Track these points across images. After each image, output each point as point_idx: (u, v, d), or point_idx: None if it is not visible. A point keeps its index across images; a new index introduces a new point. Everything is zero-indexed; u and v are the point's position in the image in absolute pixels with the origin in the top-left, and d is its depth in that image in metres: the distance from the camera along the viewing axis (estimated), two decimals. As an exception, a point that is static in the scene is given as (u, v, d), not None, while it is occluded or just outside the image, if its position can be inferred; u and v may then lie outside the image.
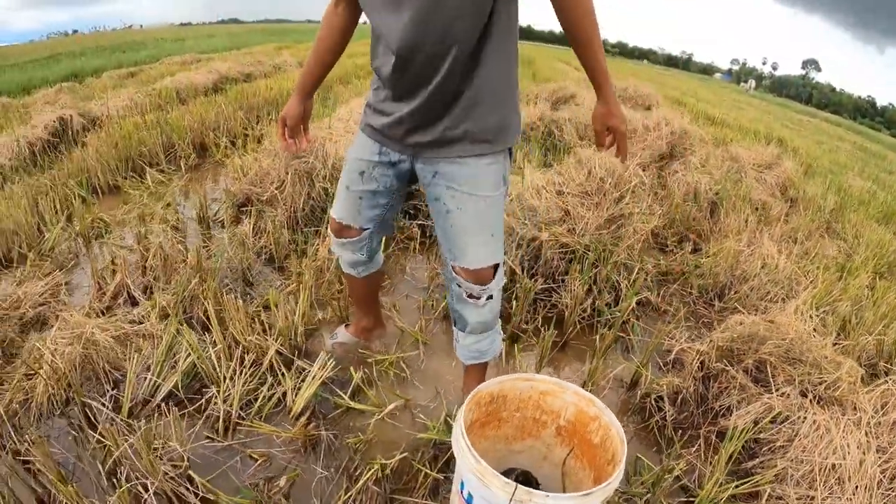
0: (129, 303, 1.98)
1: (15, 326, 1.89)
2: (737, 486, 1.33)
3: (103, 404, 1.46)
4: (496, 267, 1.31)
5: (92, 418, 1.46)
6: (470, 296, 1.32)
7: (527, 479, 1.28)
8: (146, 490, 1.19)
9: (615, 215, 2.29)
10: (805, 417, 1.44)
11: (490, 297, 1.33)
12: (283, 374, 1.53)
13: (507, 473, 1.22)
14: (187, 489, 1.22)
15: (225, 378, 1.47)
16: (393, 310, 2.00)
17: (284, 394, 1.49)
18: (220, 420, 1.39)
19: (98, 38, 20.71)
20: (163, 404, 1.46)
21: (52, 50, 16.49)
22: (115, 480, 1.24)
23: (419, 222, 2.63)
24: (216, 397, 1.43)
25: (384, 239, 2.36)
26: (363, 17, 1.27)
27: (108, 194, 3.20)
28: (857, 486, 1.28)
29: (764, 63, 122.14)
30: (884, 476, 1.30)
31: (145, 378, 1.51)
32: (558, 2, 1.10)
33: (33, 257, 2.37)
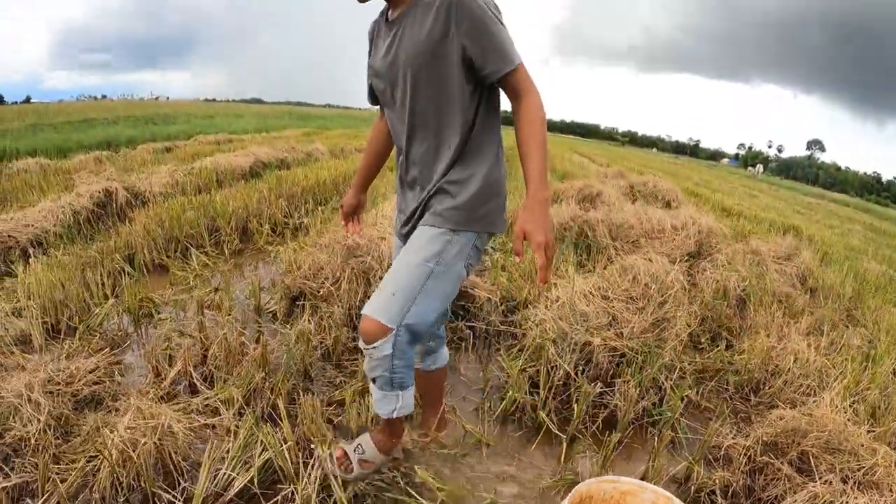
0: (188, 390, 2.02)
1: (69, 403, 1.91)
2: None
3: (174, 496, 1.47)
4: (382, 332, 1.26)
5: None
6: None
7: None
8: None
9: (659, 318, 2.38)
10: (847, 503, 1.52)
11: (369, 357, 1.31)
12: (358, 473, 1.54)
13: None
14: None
15: (301, 475, 1.49)
16: (453, 411, 2.03)
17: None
18: (299, 518, 1.40)
19: (129, 107, 21.59)
20: (236, 499, 1.47)
21: (85, 114, 17.11)
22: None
23: (469, 323, 2.69)
24: (295, 494, 1.45)
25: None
26: None
27: (153, 272, 3.29)
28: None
29: (769, 146, 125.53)
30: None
31: (218, 471, 1.53)
32: (515, 113, 1.25)
33: (82, 330, 2.42)
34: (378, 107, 1.55)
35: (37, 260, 3.01)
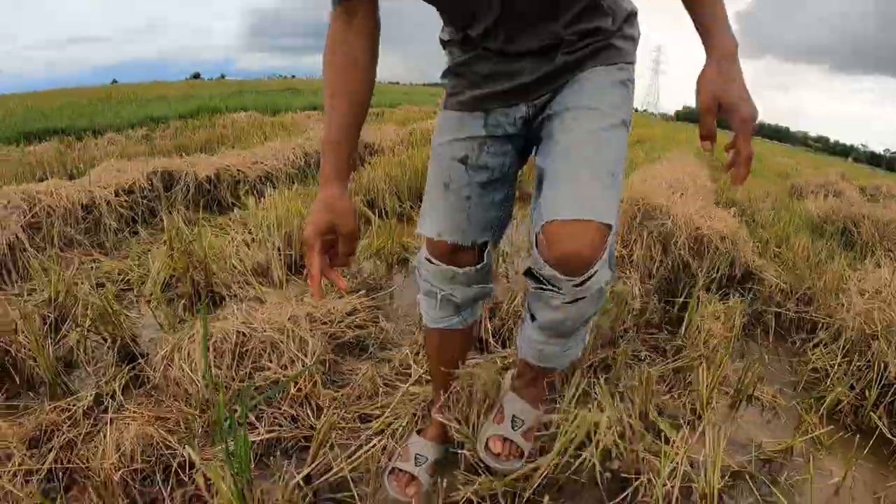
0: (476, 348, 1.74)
1: (329, 343, 1.68)
2: None
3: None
4: (601, 244, 0.78)
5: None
6: (542, 287, 0.83)
7: None
8: None
9: None
10: None
11: (575, 295, 0.81)
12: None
13: None
14: None
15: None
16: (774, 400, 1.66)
17: None
18: None
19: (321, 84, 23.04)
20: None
21: (284, 85, 17.94)
22: None
23: (763, 307, 2.18)
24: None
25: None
26: None
27: (393, 219, 3.07)
28: None
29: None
30: None
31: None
32: None
33: (330, 269, 2.24)
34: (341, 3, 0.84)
35: (271, 195, 2.82)
